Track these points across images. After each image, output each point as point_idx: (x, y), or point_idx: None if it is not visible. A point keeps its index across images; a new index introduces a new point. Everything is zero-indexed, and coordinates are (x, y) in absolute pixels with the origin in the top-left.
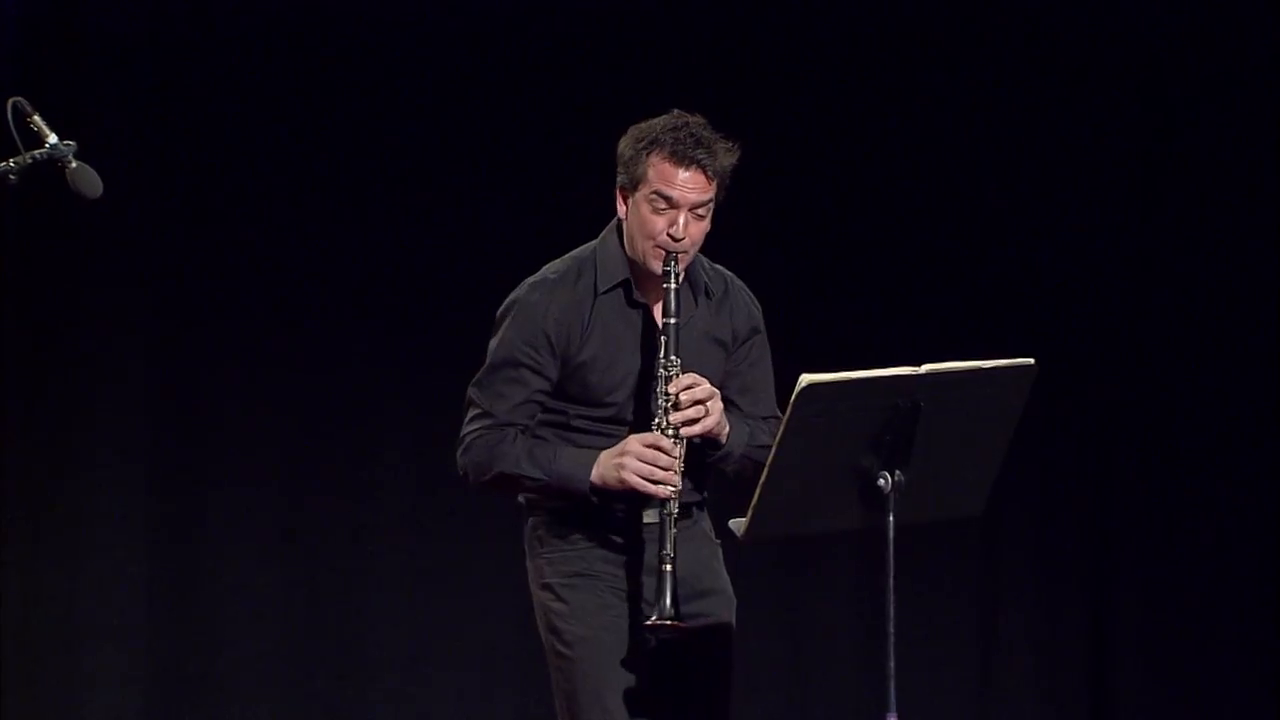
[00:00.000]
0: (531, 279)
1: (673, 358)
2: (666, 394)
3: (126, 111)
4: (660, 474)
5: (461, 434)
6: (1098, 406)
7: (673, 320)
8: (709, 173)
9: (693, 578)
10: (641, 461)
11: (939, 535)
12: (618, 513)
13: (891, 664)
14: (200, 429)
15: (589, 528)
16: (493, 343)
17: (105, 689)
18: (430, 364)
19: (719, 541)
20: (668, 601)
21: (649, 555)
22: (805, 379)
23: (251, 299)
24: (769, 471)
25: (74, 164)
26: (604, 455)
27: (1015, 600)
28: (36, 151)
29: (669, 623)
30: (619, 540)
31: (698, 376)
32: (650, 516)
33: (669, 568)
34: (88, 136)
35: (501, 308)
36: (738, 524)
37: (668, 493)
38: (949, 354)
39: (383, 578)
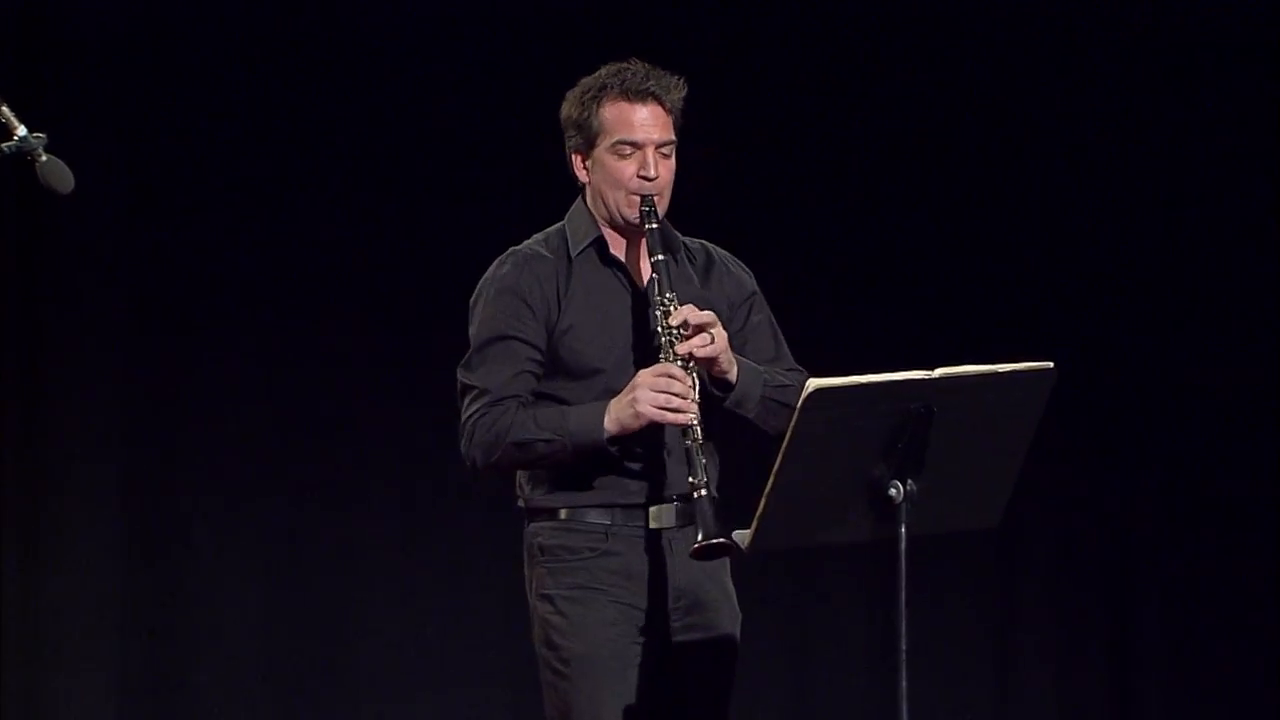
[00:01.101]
0: (499, 258)
1: (668, 294)
2: (669, 328)
3: (100, 104)
4: (677, 400)
5: (462, 422)
6: (1120, 413)
7: (661, 257)
8: (666, 104)
9: (696, 587)
10: (655, 391)
11: (953, 547)
12: (626, 517)
13: (904, 682)
14: (178, 439)
15: (594, 535)
16: (472, 328)
17: (80, 706)
18: (418, 368)
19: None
20: (711, 521)
21: (657, 565)
22: (812, 383)
23: (232, 303)
24: (774, 481)
25: (44, 158)
26: (613, 401)
27: (1033, 616)
28: (5, 144)
29: (716, 541)
30: (626, 549)
31: (694, 308)
32: (658, 520)
33: (704, 493)
34: (59, 129)
35: (474, 293)
36: (742, 535)
37: (688, 419)
38: (963, 357)
39: (370, 591)
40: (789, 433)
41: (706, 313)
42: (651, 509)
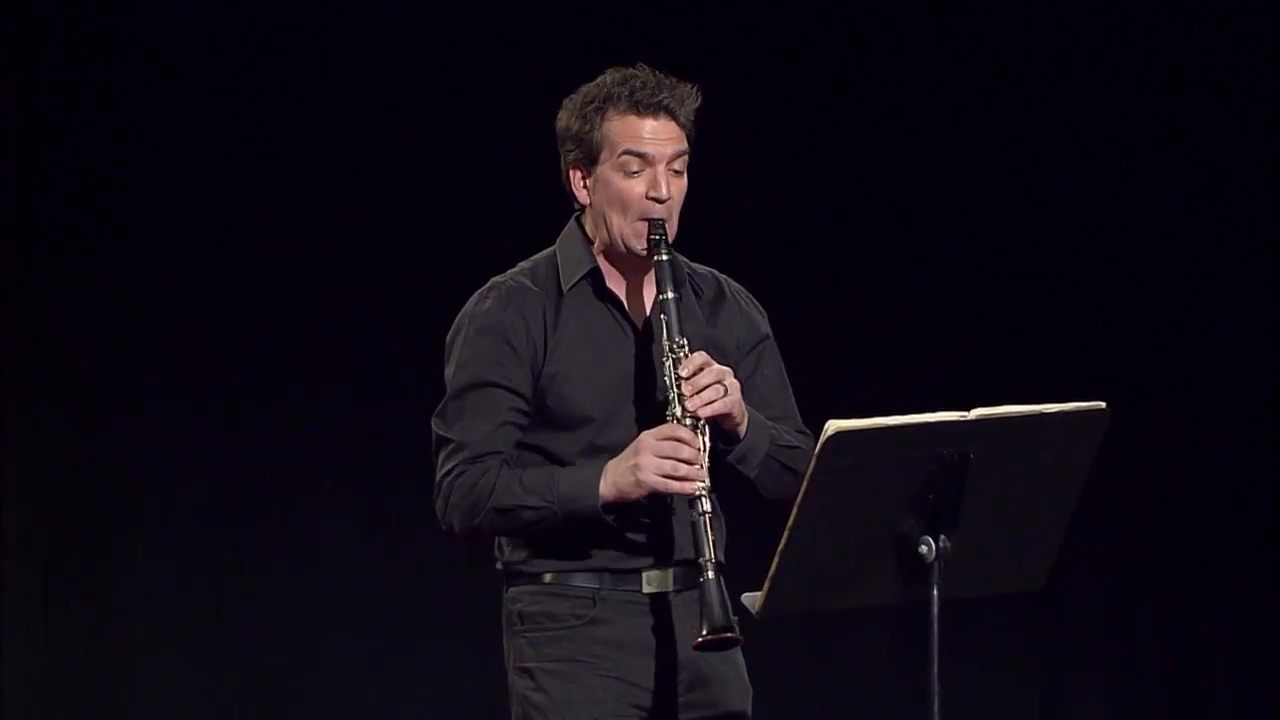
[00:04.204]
0: (479, 290)
1: (678, 338)
2: (678, 378)
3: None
4: (684, 468)
5: (437, 480)
6: (1183, 460)
7: (670, 294)
8: (679, 118)
9: (699, 660)
10: (660, 457)
11: (993, 612)
12: (616, 581)
13: None
14: (107, 493)
15: (581, 601)
16: (449, 370)
17: None
18: (377, 411)
19: (735, 619)
20: (716, 610)
21: (653, 635)
22: (832, 426)
23: (167, 339)
24: (789, 537)
25: None
26: (611, 464)
27: (1085, 690)
28: None
29: (726, 635)
30: (618, 616)
31: (707, 355)
32: (655, 585)
33: (711, 575)
34: None
35: (451, 330)
36: (752, 598)
37: (695, 488)
38: (1004, 396)
39: (328, 665)
40: (805, 482)
41: (716, 367)
42: (646, 573)
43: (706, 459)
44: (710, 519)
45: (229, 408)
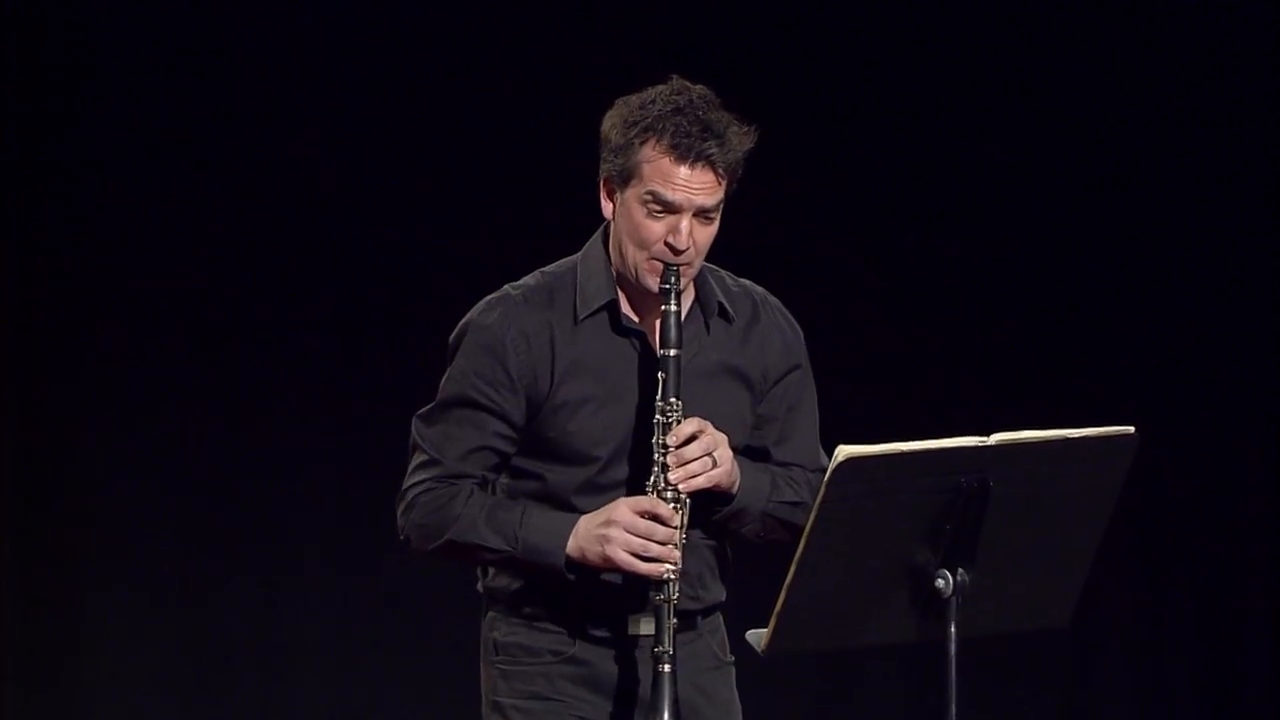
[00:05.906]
0: (491, 296)
1: (672, 400)
2: (664, 445)
3: None
4: (656, 549)
5: (404, 486)
6: (1218, 486)
7: (672, 352)
8: (719, 169)
9: (689, 705)
10: (632, 534)
11: (1015, 650)
12: (599, 619)
13: None
14: (74, 524)
15: (558, 636)
16: (447, 372)
17: None
18: (354, 439)
19: (731, 659)
20: (665, 712)
21: (633, 678)
22: (843, 451)
23: (137, 339)
24: (797, 568)
25: None
26: (584, 522)
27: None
28: None
29: None
30: (596, 658)
31: (702, 421)
32: (639, 626)
33: (667, 668)
34: None
35: (456, 331)
36: (757, 635)
37: (664, 571)
38: (1026, 420)
39: (302, 701)
40: (814, 512)
41: (708, 436)
42: (634, 615)
43: (683, 537)
44: (673, 605)
45: (201, 435)
